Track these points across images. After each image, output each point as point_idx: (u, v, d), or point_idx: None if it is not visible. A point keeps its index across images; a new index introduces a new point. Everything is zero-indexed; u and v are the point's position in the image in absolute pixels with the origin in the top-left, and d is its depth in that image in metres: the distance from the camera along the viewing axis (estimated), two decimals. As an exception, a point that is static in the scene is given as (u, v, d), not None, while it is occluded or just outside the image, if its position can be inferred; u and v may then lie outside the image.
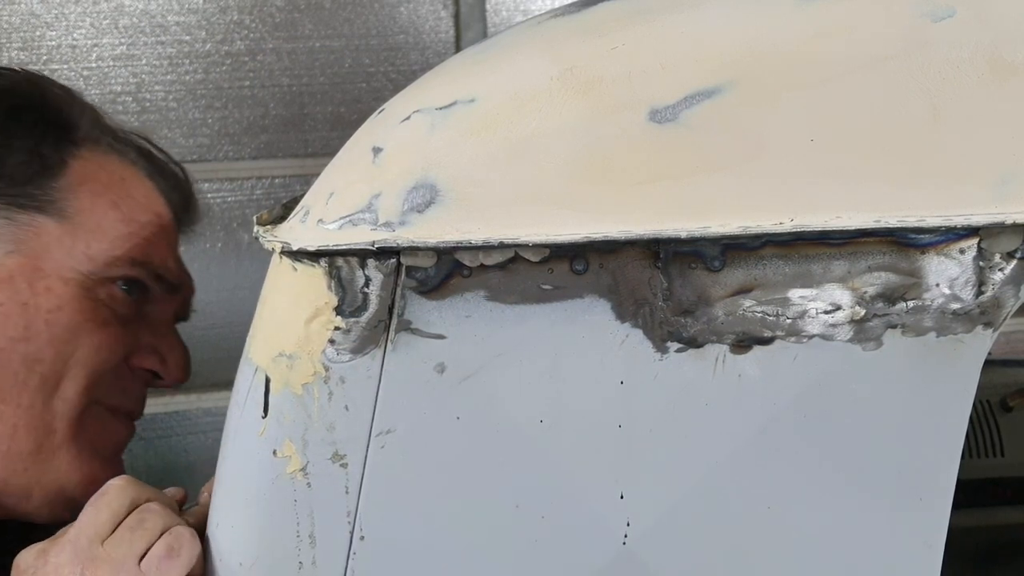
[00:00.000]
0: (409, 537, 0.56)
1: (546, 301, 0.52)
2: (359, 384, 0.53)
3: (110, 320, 0.73)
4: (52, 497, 0.73)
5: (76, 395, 0.72)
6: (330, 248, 0.52)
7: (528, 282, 0.51)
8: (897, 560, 0.56)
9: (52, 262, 0.70)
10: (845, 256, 0.50)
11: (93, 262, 0.71)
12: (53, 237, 0.70)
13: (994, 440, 1.03)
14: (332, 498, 0.54)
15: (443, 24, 1.88)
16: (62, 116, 0.73)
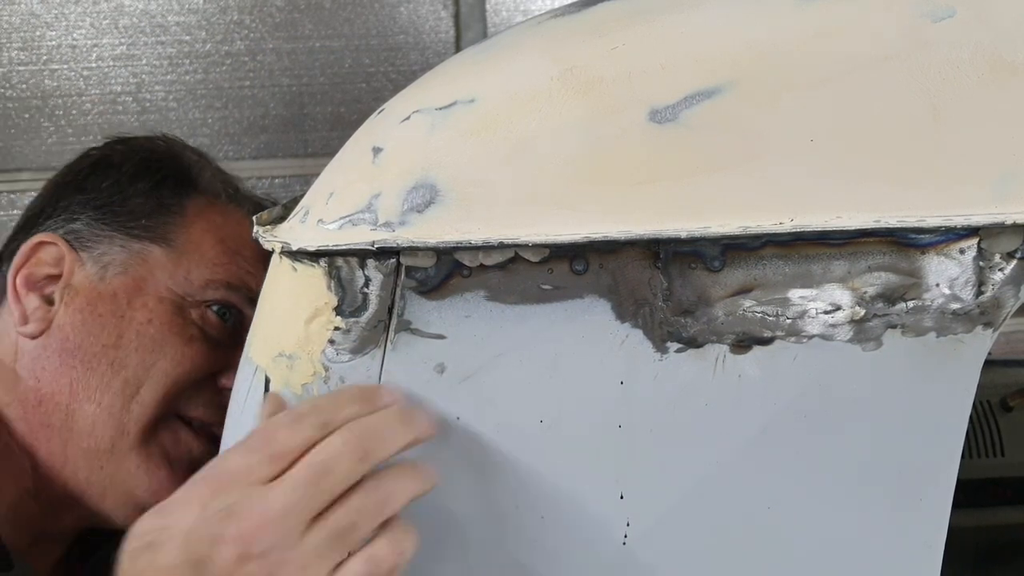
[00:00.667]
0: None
1: (546, 301, 0.52)
2: (359, 384, 0.53)
3: (197, 338, 0.77)
4: (123, 500, 0.76)
5: (153, 401, 0.76)
6: (330, 248, 0.52)
7: (528, 282, 0.51)
8: (897, 560, 0.56)
9: (153, 283, 0.78)
10: (845, 256, 0.50)
11: (190, 284, 0.78)
12: (159, 262, 0.78)
13: (994, 440, 1.03)
14: (332, 498, 0.54)
15: (443, 24, 1.88)
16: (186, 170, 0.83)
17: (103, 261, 0.78)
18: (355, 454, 0.47)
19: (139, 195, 0.80)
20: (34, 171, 1.91)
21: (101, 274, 0.77)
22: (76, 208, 0.79)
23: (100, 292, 0.77)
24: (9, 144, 1.89)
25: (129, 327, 0.76)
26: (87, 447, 0.76)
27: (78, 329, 0.76)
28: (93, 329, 0.76)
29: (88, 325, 0.76)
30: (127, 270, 0.78)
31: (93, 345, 0.76)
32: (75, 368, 0.75)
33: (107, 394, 0.75)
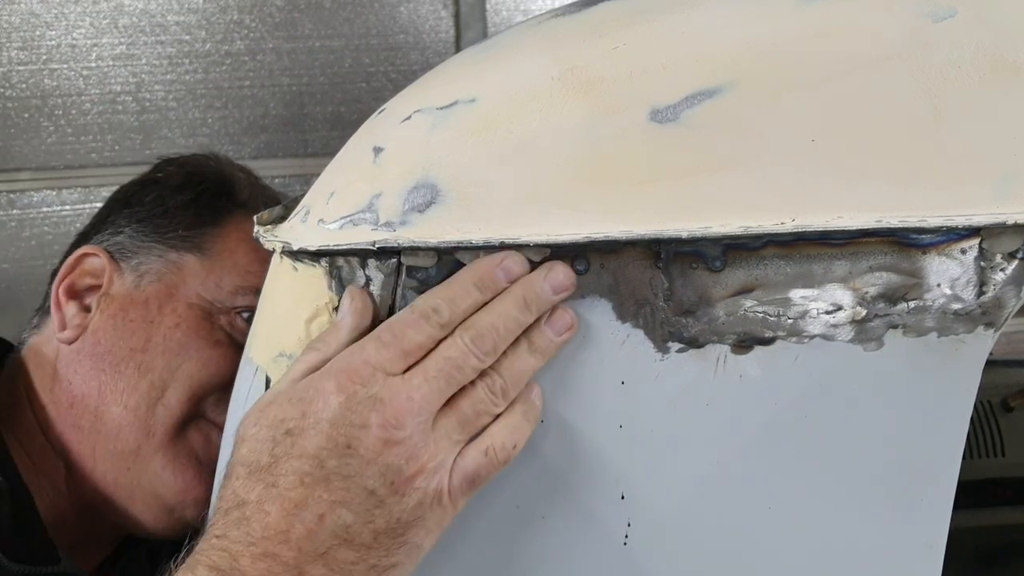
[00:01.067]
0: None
1: (547, 301, 0.51)
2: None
3: (223, 342, 0.79)
4: (151, 501, 0.78)
5: (178, 404, 0.77)
6: (331, 248, 0.52)
7: (529, 282, 0.51)
8: (898, 561, 0.56)
9: (184, 290, 0.81)
10: (846, 256, 0.50)
11: (220, 291, 0.80)
12: (192, 270, 0.81)
13: (995, 440, 1.03)
14: (332, 498, 0.54)
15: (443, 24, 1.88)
16: (227, 184, 0.86)
17: (140, 270, 0.81)
18: (479, 353, 0.50)
19: (179, 207, 0.83)
20: (33, 171, 1.91)
21: (137, 282, 0.80)
22: (121, 222, 0.83)
23: (134, 299, 0.80)
24: (8, 144, 1.89)
25: (157, 331, 0.78)
26: (114, 449, 0.77)
27: (109, 334, 0.79)
28: (123, 334, 0.79)
29: (119, 330, 0.79)
30: (161, 278, 0.81)
31: (122, 349, 0.78)
32: (104, 371, 0.78)
33: (133, 396, 0.77)
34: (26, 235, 1.95)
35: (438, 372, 0.49)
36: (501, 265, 0.51)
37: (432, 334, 0.50)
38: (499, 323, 0.50)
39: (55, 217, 1.98)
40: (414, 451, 0.48)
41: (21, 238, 1.94)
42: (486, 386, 0.51)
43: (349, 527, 0.48)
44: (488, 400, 0.50)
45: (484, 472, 0.51)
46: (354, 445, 0.48)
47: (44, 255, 1.99)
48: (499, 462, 0.51)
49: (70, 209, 1.97)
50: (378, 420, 0.48)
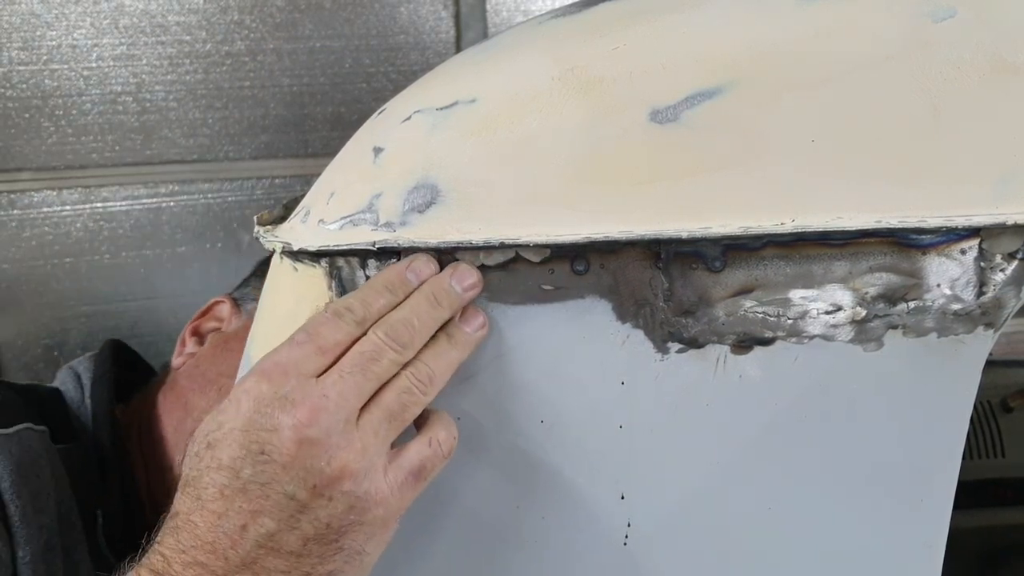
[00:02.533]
0: (409, 537, 0.56)
1: (547, 301, 0.51)
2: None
3: None
4: None
5: None
6: (331, 248, 0.52)
7: (529, 282, 0.51)
8: (898, 561, 0.56)
9: None
10: (846, 256, 0.50)
11: None
12: None
13: (995, 441, 1.03)
14: (332, 498, 0.54)
15: (443, 24, 1.88)
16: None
17: (251, 309, 0.88)
18: (395, 346, 0.49)
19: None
20: (34, 171, 1.91)
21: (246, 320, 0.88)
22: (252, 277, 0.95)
23: (238, 334, 0.86)
24: (9, 144, 1.89)
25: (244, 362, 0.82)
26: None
27: (207, 360, 0.86)
28: (217, 360, 0.85)
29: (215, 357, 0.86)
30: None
31: (211, 372, 0.84)
32: (193, 391, 0.84)
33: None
34: (26, 235, 1.95)
35: (352, 367, 0.48)
36: (410, 267, 0.51)
37: (348, 331, 0.49)
38: (411, 317, 0.50)
39: (55, 217, 1.98)
40: (333, 451, 0.46)
41: (21, 238, 1.94)
42: (410, 374, 0.49)
43: (273, 535, 0.47)
44: (413, 387, 0.49)
45: (429, 464, 0.49)
46: (267, 450, 0.47)
47: (44, 255, 2.00)
48: (444, 453, 0.50)
49: (70, 209, 1.98)
50: (289, 421, 0.46)
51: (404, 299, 0.50)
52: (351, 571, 0.48)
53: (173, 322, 2.03)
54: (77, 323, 1.93)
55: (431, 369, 0.50)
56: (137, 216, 1.94)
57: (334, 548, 0.48)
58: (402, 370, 0.49)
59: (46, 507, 0.71)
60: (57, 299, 1.91)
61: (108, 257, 1.95)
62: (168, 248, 1.96)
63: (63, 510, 0.72)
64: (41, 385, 0.87)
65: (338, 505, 0.47)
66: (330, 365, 0.48)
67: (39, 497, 0.71)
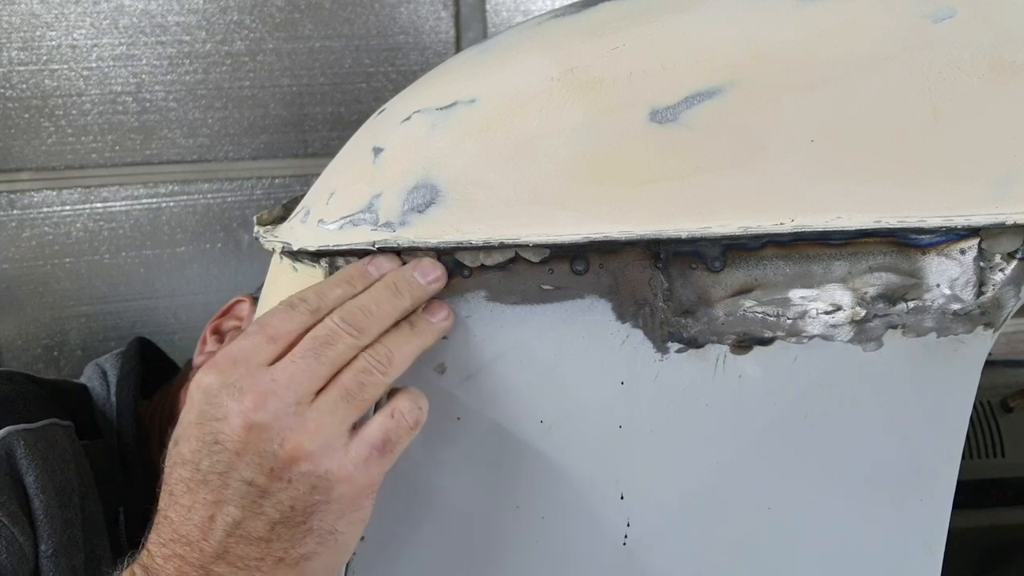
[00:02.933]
0: (409, 537, 0.56)
1: (546, 301, 0.51)
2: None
3: None
4: None
5: None
6: (330, 248, 0.52)
7: (528, 282, 0.51)
8: (897, 561, 0.56)
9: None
10: (846, 256, 0.50)
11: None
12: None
13: (994, 441, 1.03)
14: (332, 498, 0.54)
15: (443, 24, 1.88)
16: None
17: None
18: (351, 330, 0.48)
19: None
20: (34, 171, 1.91)
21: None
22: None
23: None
24: (9, 144, 1.89)
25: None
26: None
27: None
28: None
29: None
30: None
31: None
32: None
33: None
34: (26, 235, 1.95)
35: (305, 351, 0.48)
36: (372, 263, 0.51)
37: (301, 320, 0.49)
38: (369, 303, 0.49)
39: (55, 217, 1.98)
40: (284, 432, 0.46)
41: (21, 238, 1.94)
42: (368, 355, 0.48)
43: (240, 523, 0.47)
44: (372, 367, 0.48)
45: (394, 436, 0.48)
46: (220, 439, 0.47)
47: (44, 255, 1.99)
48: (409, 424, 0.49)
49: (70, 209, 1.98)
50: (237, 408, 0.46)
51: (363, 291, 0.50)
52: (326, 553, 0.48)
53: (173, 322, 2.03)
54: (77, 323, 1.93)
55: (390, 351, 0.49)
56: (137, 216, 1.94)
57: (303, 530, 0.47)
58: (360, 352, 0.49)
59: (70, 502, 0.71)
60: (57, 299, 1.91)
61: (108, 257, 1.95)
62: (168, 248, 1.96)
63: (87, 506, 0.73)
64: (68, 381, 0.87)
65: (299, 486, 0.47)
66: (284, 353, 0.48)
67: (64, 492, 0.71)
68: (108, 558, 0.73)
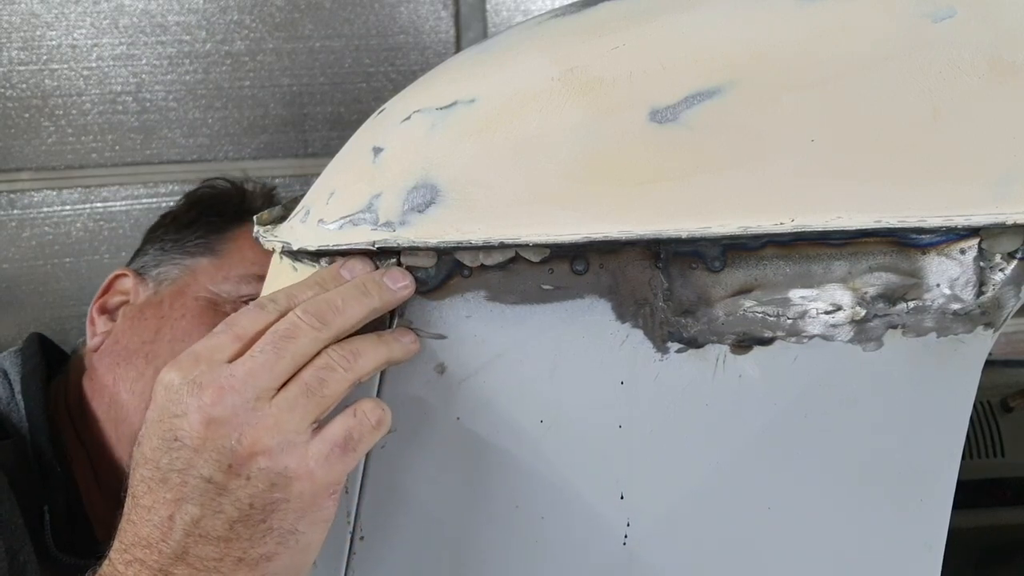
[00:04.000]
0: (409, 537, 0.56)
1: (546, 301, 0.51)
2: (360, 384, 0.53)
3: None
4: None
5: None
6: (330, 248, 0.52)
7: (528, 282, 0.51)
8: (897, 561, 0.56)
9: (195, 286, 0.88)
10: (846, 256, 0.50)
11: (227, 282, 0.87)
12: (204, 270, 0.89)
13: (994, 441, 1.03)
14: (332, 498, 0.54)
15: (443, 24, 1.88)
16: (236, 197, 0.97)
17: (160, 279, 0.89)
18: (313, 322, 0.48)
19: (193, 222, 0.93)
20: (34, 171, 1.91)
21: (156, 288, 0.89)
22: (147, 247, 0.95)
23: (151, 302, 0.88)
24: (9, 144, 1.89)
25: (165, 324, 0.85)
26: (126, 432, 0.82)
27: (126, 332, 0.86)
28: (137, 330, 0.86)
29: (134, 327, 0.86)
30: (176, 281, 0.89)
31: (134, 342, 0.85)
32: (118, 364, 0.84)
33: (140, 382, 0.83)
34: (26, 235, 1.95)
35: (264, 345, 0.47)
36: (344, 266, 0.51)
37: (268, 319, 0.48)
38: (336, 299, 0.49)
39: (55, 217, 1.98)
40: (242, 428, 0.46)
41: (21, 238, 1.94)
42: (332, 349, 0.48)
43: (199, 521, 0.46)
44: (335, 363, 0.47)
45: (356, 434, 0.48)
46: (180, 436, 0.46)
47: (44, 255, 1.99)
48: (371, 423, 0.48)
49: (70, 209, 1.98)
50: (196, 404, 0.46)
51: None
52: (287, 554, 0.48)
53: (173, 322, 2.02)
54: (77, 323, 1.93)
55: (356, 349, 0.48)
56: (137, 216, 1.94)
57: (262, 529, 0.47)
58: (324, 348, 0.48)
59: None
60: (57, 299, 1.91)
61: (108, 257, 1.95)
62: (168, 248, 1.95)
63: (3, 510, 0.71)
64: None
65: (257, 483, 0.46)
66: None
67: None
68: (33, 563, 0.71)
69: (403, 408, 0.53)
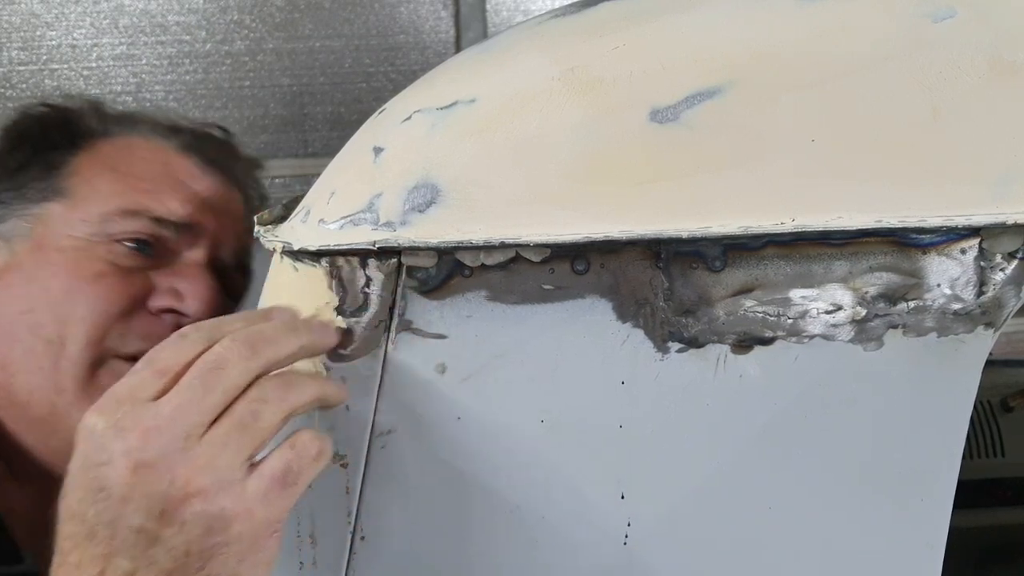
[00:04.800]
0: (409, 537, 0.56)
1: (547, 301, 0.52)
2: (360, 384, 0.53)
3: (106, 272, 0.75)
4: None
5: (80, 351, 0.74)
6: (331, 248, 0.52)
7: (529, 282, 0.51)
8: (898, 561, 0.56)
9: (53, 238, 0.77)
10: (846, 256, 0.50)
11: (89, 224, 0.77)
12: (58, 217, 0.78)
13: (995, 440, 1.03)
14: (333, 498, 0.54)
15: (443, 24, 1.88)
16: (66, 122, 0.83)
17: (9, 237, 0.79)
18: (243, 352, 0.45)
19: (23, 165, 0.80)
20: (34, 171, 1.90)
21: (10, 248, 0.78)
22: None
23: (10, 265, 0.78)
24: (9, 144, 1.88)
25: (37, 288, 0.76)
26: (33, 416, 0.75)
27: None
28: (7, 302, 0.76)
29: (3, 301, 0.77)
30: (30, 236, 0.78)
31: (9, 317, 0.76)
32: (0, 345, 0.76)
33: (33, 358, 0.75)
34: (27, 235, 1.94)
35: (191, 379, 0.44)
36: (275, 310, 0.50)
37: (193, 350, 0.45)
38: (267, 329, 0.47)
39: (55, 217, 1.97)
40: (173, 470, 0.43)
41: (22, 238, 1.93)
42: (265, 379, 0.45)
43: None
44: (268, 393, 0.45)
45: (296, 467, 0.45)
46: (106, 485, 0.43)
47: (44, 255, 1.98)
48: (311, 455, 0.46)
49: (71, 209, 1.97)
50: (122, 448, 0.43)
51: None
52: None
53: (173, 322, 2.02)
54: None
55: (289, 379, 0.46)
56: (137, 216, 1.93)
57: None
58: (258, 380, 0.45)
59: None
60: (57, 299, 1.91)
61: (108, 257, 1.94)
62: (168, 248, 1.95)
63: None
64: None
65: (193, 529, 0.43)
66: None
67: None
68: None
69: (403, 408, 0.53)
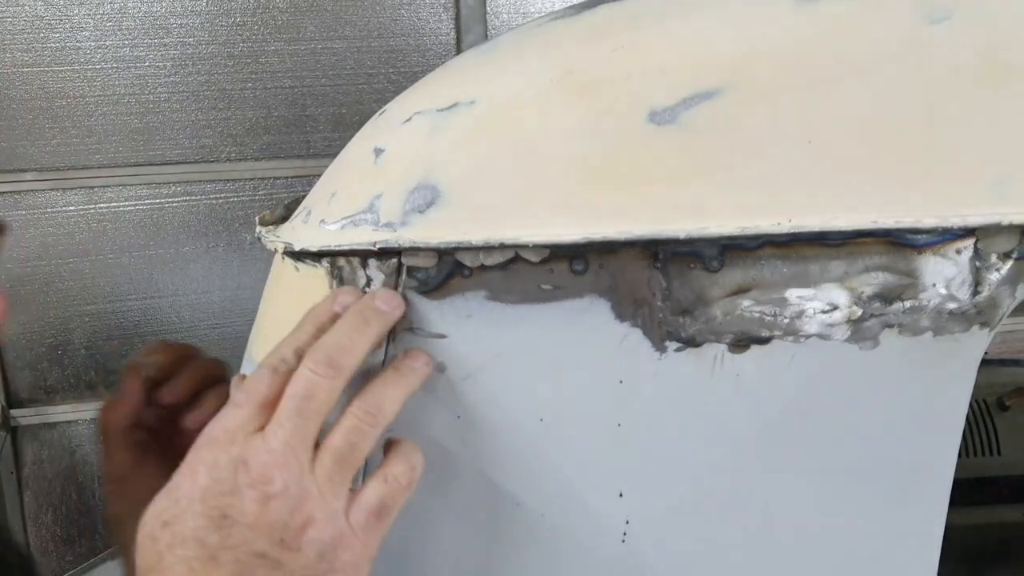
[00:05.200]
0: (409, 536, 0.56)
1: (546, 301, 0.52)
2: (360, 384, 0.53)
3: None
4: None
5: None
6: (332, 248, 0.53)
7: (528, 282, 0.52)
8: (894, 558, 0.56)
9: None
10: (843, 256, 0.51)
11: None
12: None
13: (990, 439, 1.03)
14: (334, 496, 0.55)
15: (444, 26, 1.88)
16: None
17: None
18: (327, 372, 0.48)
19: None
20: (38, 172, 1.91)
21: None
22: None
23: None
24: (13, 145, 1.89)
25: None
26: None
27: None
28: None
29: None
30: None
31: None
32: None
33: None
34: (30, 235, 1.95)
35: (288, 412, 0.48)
36: (335, 300, 0.51)
37: (280, 382, 0.49)
38: (339, 338, 0.49)
39: (59, 217, 1.98)
40: (295, 502, 0.47)
41: (25, 238, 1.94)
42: (355, 410, 0.49)
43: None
44: (361, 424, 0.49)
45: (389, 500, 0.49)
46: (231, 513, 0.46)
47: (48, 255, 1.99)
48: (402, 486, 0.50)
49: (74, 210, 1.98)
50: (246, 481, 0.46)
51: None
52: None
53: (176, 320, 2.03)
54: (81, 322, 1.94)
55: (379, 400, 0.49)
56: (140, 216, 1.94)
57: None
58: (348, 407, 0.49)
59: None
60: (61, 298, 1.92)
61: (112, 257, 1.95)
62: (171, 248, 1.96)
63: None
64: None
65: (308, 554, 0.47)
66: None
67: None
68: None
69: (404, 407, 0.53)
